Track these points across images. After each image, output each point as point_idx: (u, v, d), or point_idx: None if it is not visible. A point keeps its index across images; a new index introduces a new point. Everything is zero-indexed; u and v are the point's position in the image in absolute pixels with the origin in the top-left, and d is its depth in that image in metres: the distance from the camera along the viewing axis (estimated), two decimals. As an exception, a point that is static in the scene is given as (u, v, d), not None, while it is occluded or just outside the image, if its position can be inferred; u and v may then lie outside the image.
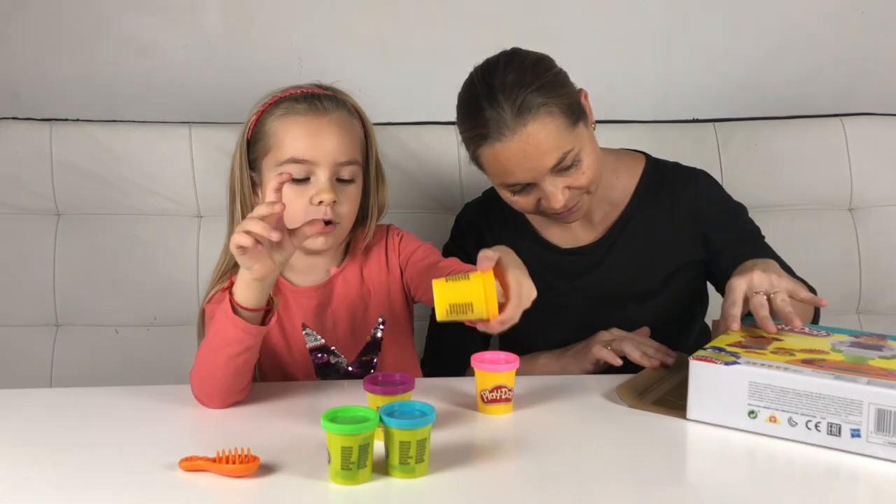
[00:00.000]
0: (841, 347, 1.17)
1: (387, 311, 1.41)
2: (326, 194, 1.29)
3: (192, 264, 1.78)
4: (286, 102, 1.33)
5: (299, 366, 1.37)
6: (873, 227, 1.88)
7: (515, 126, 1.32)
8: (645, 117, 1.94)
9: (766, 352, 1.15)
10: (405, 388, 1.14)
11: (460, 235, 1.59)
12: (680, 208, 1.51)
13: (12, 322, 1.77)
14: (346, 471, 0.98)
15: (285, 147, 1.30)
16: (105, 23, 1.94)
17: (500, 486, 1.02)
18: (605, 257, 1.51)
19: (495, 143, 1.34)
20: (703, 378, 1.13)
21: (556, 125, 1.33)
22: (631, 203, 1.52)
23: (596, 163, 1.40)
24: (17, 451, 1.08)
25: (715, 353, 1.15)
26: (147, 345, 1.78)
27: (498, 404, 1.18)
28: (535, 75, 1.35)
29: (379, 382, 1.15)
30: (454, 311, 1.06)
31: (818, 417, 1.06)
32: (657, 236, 1.51)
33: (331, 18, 1.97)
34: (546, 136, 1.33)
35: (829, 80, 2.06)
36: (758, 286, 1.22)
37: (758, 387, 1.09)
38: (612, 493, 0.99)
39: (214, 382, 1.20)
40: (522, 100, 1.32)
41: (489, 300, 1.05)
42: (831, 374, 1.07)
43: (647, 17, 2.02)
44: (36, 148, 1.79)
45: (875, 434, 1.03)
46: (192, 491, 0.99)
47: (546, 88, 1.34)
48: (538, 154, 1.33)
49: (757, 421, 1.10)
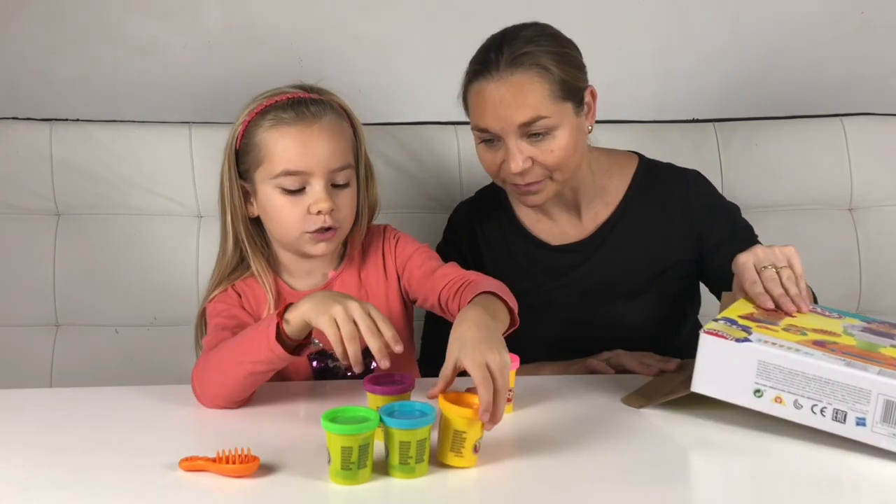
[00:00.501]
0: (853, 331, 1.17)
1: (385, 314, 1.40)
2: (324, 203, 1.28)
3: (192, 264, 1.77)
4: (273, 112, 1.30)
5: (297, 371, 1.36)
6: (873, 227, 1.88)
7: (504, 71, 1.36)
8: (645, 117, 1.94)
9: (777, 328, 1.14)
10: (405, 388, 1.13)
11: (453, 235, 1.60)
12: (672, 207, 1.52)
13: (12, 322, 1.77)
14: (346, 471, 0.98)
15: (277, 160, 1.28)
16: (105, 23, 1.94)
17: (501, 486, 1.02)
18: (593, 254, 1.52)
19: (482, 80, 1.38)
20: (713, 353, 1.11)
21: (542, 87, 1.36)
22: (622, 202, 1.53)
23: (571, 151, 1.40)
24: (17, 451, 1.09)
25: (726, 327, 1.13)
26: (147, 345, 1.78)
27: None
28: (548, 42, 1.39)
29: (379, 382, 1.14)
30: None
31: (824, 402, 1.05)
32: (648, 235, 1.51)
33: (331, 18, 1.97)
34: (527, 92, 1.35)
35: (829, 80, 2.06)
36: (763, 260, 1.23)
37: (767, 366, 1.08)
38: (612, 493, 0.99)
39: (223, 388, 1.20)
40: (523, 52, 1.36)
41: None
42: (843, 360, 1.06)
43: (647, 17, 2.01)
44: (36, 148, 1.78)
45: (880, 424, 1.03)
46: (192, 491, 0.99)
47: (550, 56, 1.37)
48: (513, 105, 1.36)
49: (762, 400, 1.09)
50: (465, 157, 1.83)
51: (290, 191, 1.28)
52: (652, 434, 1.13)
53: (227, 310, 1.33)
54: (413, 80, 1.99)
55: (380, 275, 1.41)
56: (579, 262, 1.52)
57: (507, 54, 1.37)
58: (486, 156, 1.43)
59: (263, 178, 1.30)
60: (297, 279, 1.38)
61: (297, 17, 1.96)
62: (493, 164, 1.43)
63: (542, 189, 1.43)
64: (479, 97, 1.39)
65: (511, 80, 1.36)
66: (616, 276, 1.51)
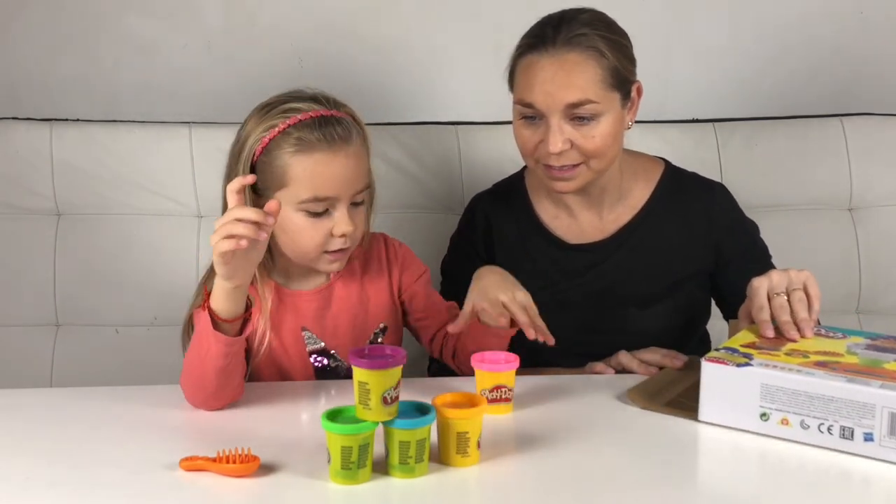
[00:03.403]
0: (856, 350, 1.16)
1: (388, 319, 1.41)
2: (348, 227, 1.27)
3: (192, 264, 1.77)
4: (297, 133, 1.25)
5: (298, 370, 1.36)
6: (873, 227, 1.88)
7: (559, 49, 1.35)
8: (645, 117, 1.93)
9: (779, 353, 1.14)
10: (395, 362, 1.01)
11: (468, 226, 1.58)
12: (694, 217, 1.50)
13: (12, 322, 1.77)
14: (346, 470, 0.98)
15: (305, 185, 1.25)
16: (105, 23, 1.94)
17: (500, 486, 1.02)
18: (610, 256, 1.50)
19: (535, 54, 1.37)
20: (715, 379, 1.12)
21: (594, 71, 1.36)
22: (646, 207, 1.51)
23: (611, 141, 1.39)
24: (17, 451, 1.09)
25: (728, 355, 1.14)
26: (147, 345, 1.78)
27: (498, 404, 1.18)
28: (606, 28, 1.39)
29: (365, 356, 1.02)
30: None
31: (830, 420, 1.05)
32: (668, 243, 1.50)
33: (331, 18, 1.97)
34: (579, 73, 1.35)
35: (829, 80, 2.06)
36: (777, 286, 1.23)
37: (770, 389, 1.08)
38: (614, 494, 0.99)
39: (205, 390, 1.20)
40: (580, 34, 1.36)
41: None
42: (844, 376, 1.06)
43: (647, 17, 2.01)
44: (36, 148, 1.79)
45: (888, 438, 1.02)
46: (192, 491, 0.99)
47: (608, 42, 1.37)
48: (563, 83, 1.35)
49: (769, 423, 1.09)
50: (466, 157, 1.83)
51: (314, 213, 1.27)
52: (652, 433, 1.13)
53: None
54: (413, 80, 1.98)
55: (383, 281, 1.40)
56: (596, 263, 1.50)
57: (564, 32, 1.36)
58: (523, 132, 1.41)
59: (287, 200, 1.25)
60: (296, 282, 1.38)
61: (297, 17, 1.96)
62: (531, 141, 1.40)
63: (575, 176, 1.41)
64: (530, 71, 1.37)
65: (566, 59, 1.35)
66: (632, 281, 1.49)
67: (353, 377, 1.01)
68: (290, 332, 1.36)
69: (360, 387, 1.00)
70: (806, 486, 1.01)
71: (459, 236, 1.59)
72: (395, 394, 1.00)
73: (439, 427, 1.04)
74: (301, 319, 1.37)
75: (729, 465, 1.08)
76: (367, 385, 0.99)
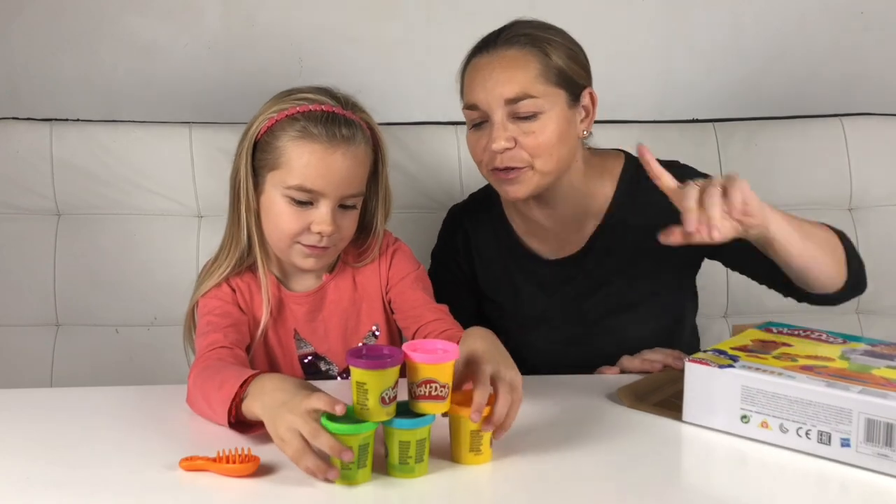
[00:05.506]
0: (851, 355, 1.15)
1: (381, 320, 1.40)
2: (327, 227, 1.27)
3: (192, 264, 1.77)
4: (303, 121, 1.26)
5: (291, 373, 1.36)
6: (873, 227, 1.88)
7: (498, 47, 1.37)
8: (645, 117, 1.94)
9: (768, 357, 1.14)
10: (393, 362, 0.99)
11: (448, 240, 1.58)
12: (661, 204, 1.37)
13: (12, 322, 1.77)
14: (345, 471, 0.98)
15: (295, 172, 1.26)
16: (105, 23, 1.94)
17: (500, 486, 1.02)
18: (585, 267, 1.47)
19: (477, 56, 1.39)
20: (698, 380, 1.13)
21: (533, 67, 1.35)
22: (611, 208, 1.47)
23: (555, 139, 1.36)
24: (17, 451, 1.08)
25: (713, 356, 1.14)
26: (147, 345, 1.78)
27: (428, 401, 1.01)
28: (552, 32, 1.39)
29: (363, 356, 1.00)
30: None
31: (808, 425, 1.05)
32: (640, 239, 1.41)
33: (331, 18, 1.97)
34: (516, 68, 1.35)
35: (829, 80, 2.06)
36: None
37: (750, 391, 1.08)
38: (606, 493, 0.99)
39: (212, 421, 1.14)
40: (522, 34, 1.37)
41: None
42: (824, 381, 1.06)
43: (647, 17, 2.02)
44: (36, 148, 1.79)
45: (864, 444, 1.01)
46: (192, 491, 0.99)
47: (551, 45, 1.37)
48: (501, 79, 1.35)
49: (749, 426, 1.09)
50: (465, 157, 1.82)
51: (298, 202, 1.27)
52: (648, 433, 1.13)
53: (221, 307, 1.31)
54: (413, 80, 1.99)
55: (376, 280, 1.40)
56: (572, 276, 1.48)
57: (505, 34, 1.38)
58: (472, 140, 1.41)
59: (275, 182, 1.28)
60: (292, 281, 1.38)
61: (297, 17, 1.97)
62: (479, 146, 1.39)
63: (522, 179, 1.37)
64: (472, 72, 1.39)
65: (504, 55, 1.36)
66: (612, 288, 1.47)
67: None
68: (285, 335, 1.37)
69: (358, 387, 1.00)
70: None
71: (441, 251, 1.58)
72: (394, 394, 1.00)
73: (451, 425, 1.04)
74: (294, 323, 1.37)
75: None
76: (365, 385, 0.99)
